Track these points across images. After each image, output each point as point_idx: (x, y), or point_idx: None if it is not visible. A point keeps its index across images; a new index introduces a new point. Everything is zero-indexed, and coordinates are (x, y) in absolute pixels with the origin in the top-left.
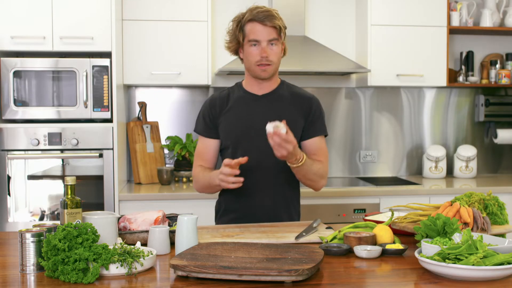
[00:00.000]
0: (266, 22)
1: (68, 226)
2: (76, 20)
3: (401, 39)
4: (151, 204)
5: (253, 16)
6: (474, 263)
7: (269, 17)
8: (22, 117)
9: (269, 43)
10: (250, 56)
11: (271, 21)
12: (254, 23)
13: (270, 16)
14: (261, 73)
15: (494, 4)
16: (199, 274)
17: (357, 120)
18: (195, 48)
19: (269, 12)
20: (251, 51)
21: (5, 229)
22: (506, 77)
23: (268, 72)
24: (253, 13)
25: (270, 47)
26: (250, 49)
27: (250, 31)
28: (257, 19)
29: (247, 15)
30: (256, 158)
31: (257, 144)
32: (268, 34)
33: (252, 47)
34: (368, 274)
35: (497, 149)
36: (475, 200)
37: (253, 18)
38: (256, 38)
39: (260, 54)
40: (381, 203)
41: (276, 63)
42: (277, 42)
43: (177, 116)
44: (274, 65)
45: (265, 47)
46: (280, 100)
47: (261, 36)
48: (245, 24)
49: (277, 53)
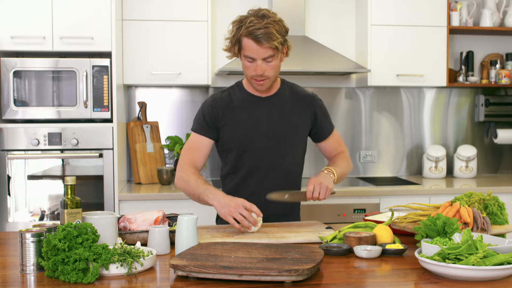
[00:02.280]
0: (262, 42)
1: (68, 226)
2: (76, 20)
3: (401, 39)
4: (151, 204)
5: (249, 34)
6: (474, 263)
7: (265, 36)
8: (22, 117)
9: (264, 60)
10: (246, 70)
11: (268, 41)
12: (249, 40)
13: (266, 36)
14: (257, 87)
15: (494, 4)
16: (199, 274)
17: (357, 120)
18: (195, 48)
19: (267, 31)
20: (246, 65)
21: (5, 229)
22: (506, 77)
23: (265, 85)
24: (249, 30)
25: (266, 63)
26: (245, 62)
27: (246, 46)
28: (253, 37)
29: (243, 30)
30: (267, 160)
31: (262, 147)
32: (263, 53)
33: (248, 62)
34: (368, 274)
35: (497, 149)
36: (475, 200)
37: (249, 36)
38: (251, 55)
39: (255, 71)
40: (381, 203)
41: (273, 75)
42: (272, 59)
43: (177, 116)
44: (270, 78)
45: (260, 65)
46: (282, 101)
47: (256, 55)
48: (241, 37)
49: (274, 67)
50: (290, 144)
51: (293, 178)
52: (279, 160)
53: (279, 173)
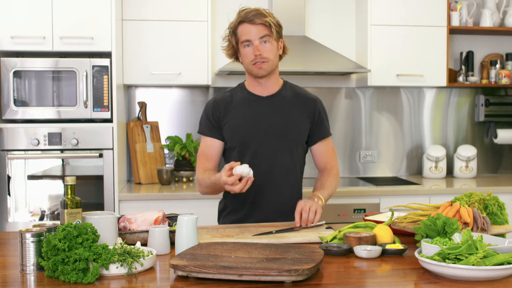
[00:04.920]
0: (255, 20)
1: (68, 226)
2: (76, 20)
3: (401, 39)
4: (151, 204)
5: (242, 18)
6: (474, 263)
7: (257, 15)
8: (22, 117)
9: (261, 40)
10: (245, 57)
11: (260, 18)
12: (244, 24)
13: (258, 14)
14: (258, 71)
15: (494, 4)
16: (199, 274)
17: (357, 120)
18: (195, 48)
19: (258, 11)
20: (245, 52)
21: (5, 229)
22: (506, 77)
23: (265, 69)
24: (241, 14)
25: (263, 44)
26: (244, 50)
27: (241, 32)
28: (246, 19)
29: (236, 18)
30: (267, 160)
31: (266, 146)
32: (258, 32)
33: (246, 48)
34: (368, 274)
35: (497, 149)
36: (475, 200)
37: (242, 20)
38: (247, 38)
39: (253, 53)
40: (381, 203)
41: (272, 59)
42: (269, 39)
43: (177, 116)
44: (270, 61)
45: (257, 45)
46: (284, 101)
47: (252, 35)
48: (236, 27)
49: (272, 50)
50: (290, 143)
51: (293, 177)
52: (279, 158)
53: (279, 172)
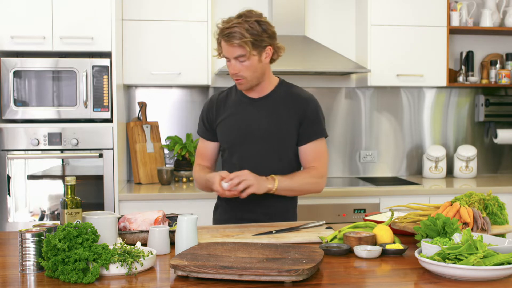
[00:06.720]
0: (229, 40)
1: (68, 226)
2: (76, 20)
3: (401, 39)
4: (151, 204)
5: (219, 35)
6: (474, 263)
7: (231, 35)
8: (22, 117)
9: (237, 59)
10: (228, 69)
11: (233, 40)
12: (222, 40)
13: (231, 34)
14: (239, 86)
15: (494, 4)
16: (199, 274)
17: (357, 120)
18: (195, 48)
19: (231, 30)
20: (228, 64)
21: (5, 229)
22: (506, 77)
23: (244, 85)
24: (219, 31)
25: (239, 63)
26: (227, 63)
27: (222, 46)
28: (222, 37)
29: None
30: (252, 162)
31: (252, 149)
32: (232, 52)
33: (227, 61)
34: (368, 274)
35: (497, 149)
36: (475, 200)
37: (219, 37)
38: (225, 55)
39: (231, 70)
40: (381, 203)
41: (250, 75)
42: (244, 58)
43: (177, 116)
44: (247, 78)
45: (233, 64)
46: (274, 102)
47: (229, 53)
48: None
49: (249, 67)
50: (278, 145)
51: None
52: (266, 161)
53: (266, 174)
